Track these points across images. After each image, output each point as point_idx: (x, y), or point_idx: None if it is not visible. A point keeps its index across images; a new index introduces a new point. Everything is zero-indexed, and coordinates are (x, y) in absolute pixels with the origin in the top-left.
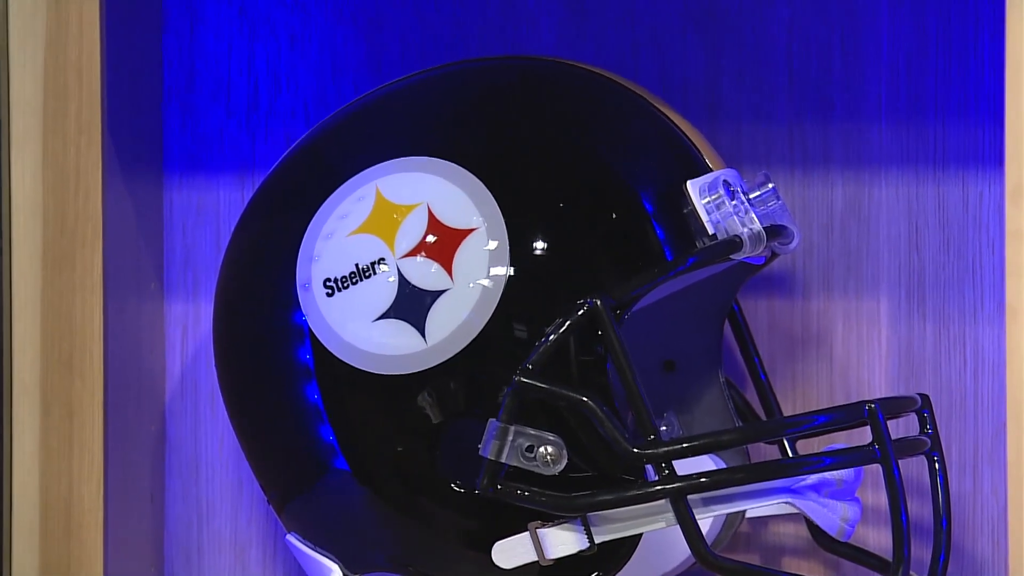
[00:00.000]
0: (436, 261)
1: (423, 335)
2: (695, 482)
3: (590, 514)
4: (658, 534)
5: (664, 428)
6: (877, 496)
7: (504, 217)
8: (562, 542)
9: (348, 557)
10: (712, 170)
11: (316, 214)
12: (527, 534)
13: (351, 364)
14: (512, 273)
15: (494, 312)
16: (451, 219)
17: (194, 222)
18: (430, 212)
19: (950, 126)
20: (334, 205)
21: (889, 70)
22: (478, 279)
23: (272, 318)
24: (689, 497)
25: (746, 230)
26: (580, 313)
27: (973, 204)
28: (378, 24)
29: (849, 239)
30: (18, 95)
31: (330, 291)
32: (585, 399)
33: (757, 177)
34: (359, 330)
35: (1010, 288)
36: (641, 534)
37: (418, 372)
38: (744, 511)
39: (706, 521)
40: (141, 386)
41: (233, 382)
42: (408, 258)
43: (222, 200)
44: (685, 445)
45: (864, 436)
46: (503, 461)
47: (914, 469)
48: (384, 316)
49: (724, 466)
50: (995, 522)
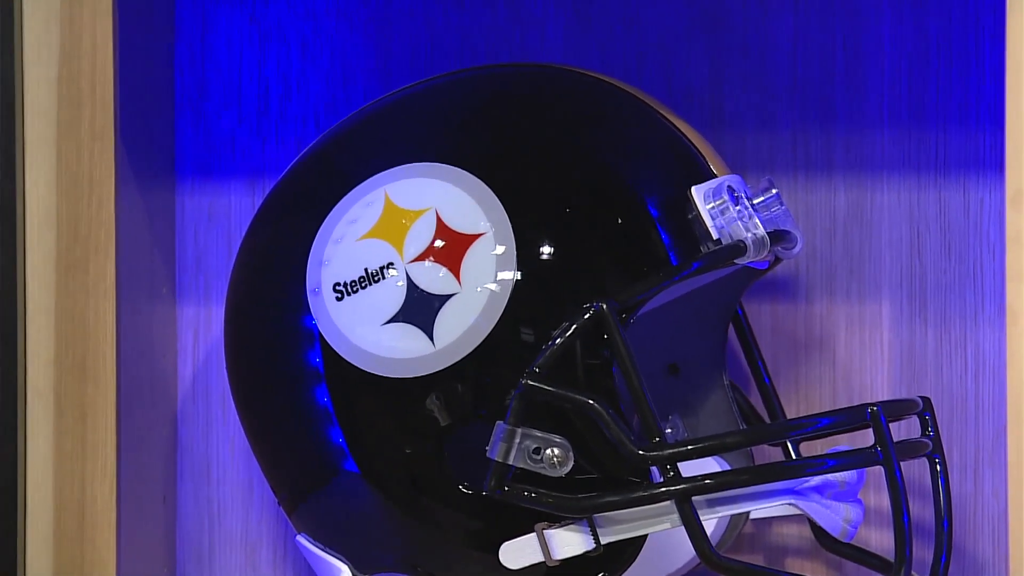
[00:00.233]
0: (444, 265)
1: (431, 339)
2: (700, 484)
3: (596, 515)
4: (663, 535)
5: (669, 431)
6: (879, 497)
7: (511, 222)
8: (568, 543)
9: (357, 558)
10: (716, 176)
11: (326, 219)
12: (534, 535)
13: (360, 367)
14: (519, 277)
15: (501, 316)
16: (459, 224)
17: (206, 227)
18: (438, 217)
19: (951, 132)
20: (344, 210)
21: (891, 77)
22: (486, 283)
23: (282, 322)
24: (694, 498)
25: (750, 235)
26: (586, 317)
27: (974, 209)
28: (387, 31)
29: (851, 244)
30: (32, 103)
31: (340, 295)
32: (591, 402)
33: (761, 182)
34: (368, 334)
35: (1010, 292)
36: (646, 535)
37: (426, 375)
38: (748, 512)
39: (710, 522)
40: (153, 389)
41: (244, 385)
42: (417, 263)
43: (233, 205)
44: (690, 447)
45: (866, 438)
46: (510, 463)
47: (916, 471)
48: (393, 320)
49: (728, 468)
50: (996, 523)
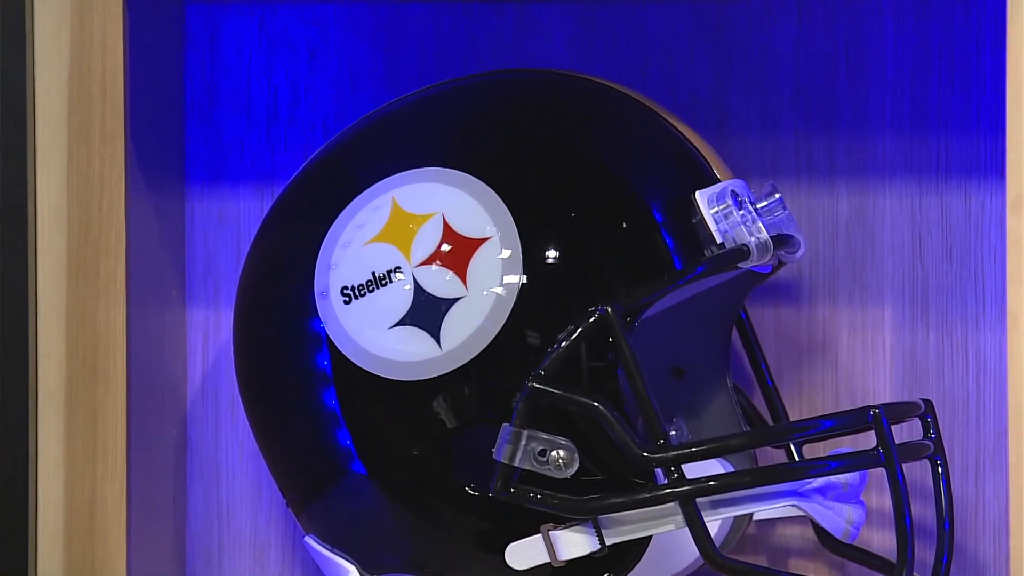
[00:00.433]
0: (451, 269)
1: (438, 342)
2: (704, 485)
3: (601, 516)
4: (667, 536)
5: (673, 433)
6: (881, 499)
7: (517, 227)
8: (574, 544)
9: (365, 558)
10: (720, 181)
11: (334, 223)
12: (539, 536)
13: (368, 370)
14: (525, 281)
15: (507, 319)
16: (465, 228)
17: (215, 231)
18: (445, 222)
19: (952, 138)
20: (351, 215)
21: (893, 83)
22: (492, 287)
23: (291, 325)
24: (698, 500)
25: (753, 239)
26: (591, 320)
27: (975, 214)
28: (395, 38)
29: (854, 248)
30: (43, 108)
31: (347, 299)
32: (596, 404)
33: (764, 187)
34: (376, 337)
35: (1011, 296)
36: (651, 536)
37: (433, 378)
38: (751, 513)
39: (714, 523)
40: (163, 391)
41: (253, 388)
42: (423, 266)
43: (242, 210)
44: (694, 449)
45: (869, 440)
46: (516, 465)
47: (917, 473)
48: (400, 323)
49: (732, 470)
50: (997, 524)
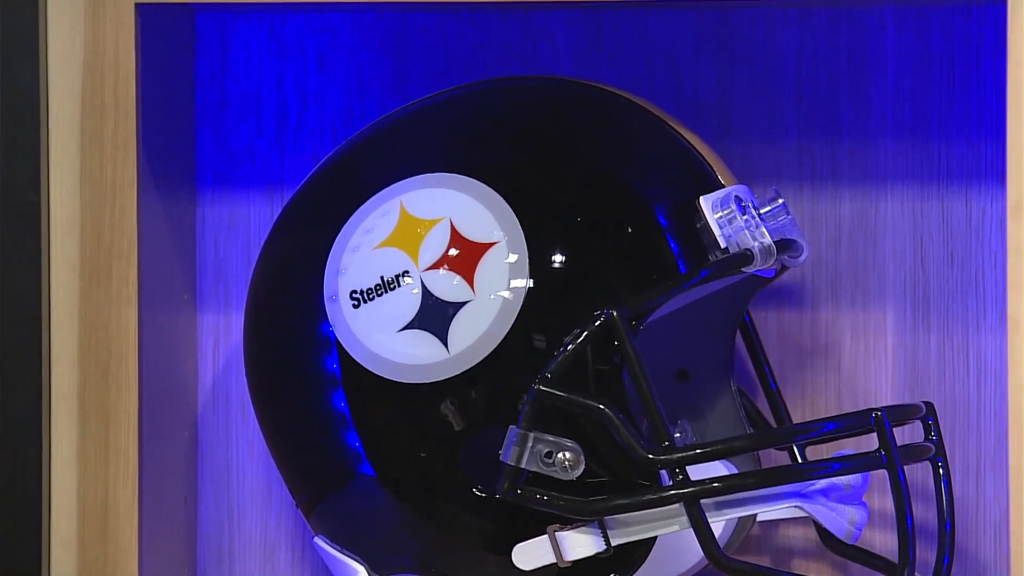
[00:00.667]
0: (458, 274)
1: (446, 345)
2: (708, 487)
3: (607, 517)
4: (672, 537)
5: (678, 435)
6: (883, 500)
7: (524, 231)
8: (580, 544)
9: (373, 559)
10: (724, 186)
11: (343, 228)
12: (546, 537)
13: (376, 373)
14: (531, 285)
15: (514, 323)
16: (473, 233)
17: (225, 236)
18: (452, 226)
19: (954, 144)
20: (360, 220)
21: (895, 90)
22: (499, 291)
23: (300, 329)
24: (702, 501)
25: (757, 244)
26: (597, 324)
27: (976, 219)
28: (403, 45)
29: (856, 252)
30: (56, 115)
31: (356, 303)
32: (602, 407)
33: (767, 192)
34: (384, 340)
35: (1011, 300)
36: (656, 537)
37: (441, 381)
38: (755, 515)
39: (718, 524)
40: (174, 394)
41: (263, 390)
42: (431, 271)
43: (252, 215)
44: (698, 451)
45: (871, 442)
46: (523, 466)
47: (919, 474)
48: (408, 327)
49: (736, 471)
50: (997, 525)
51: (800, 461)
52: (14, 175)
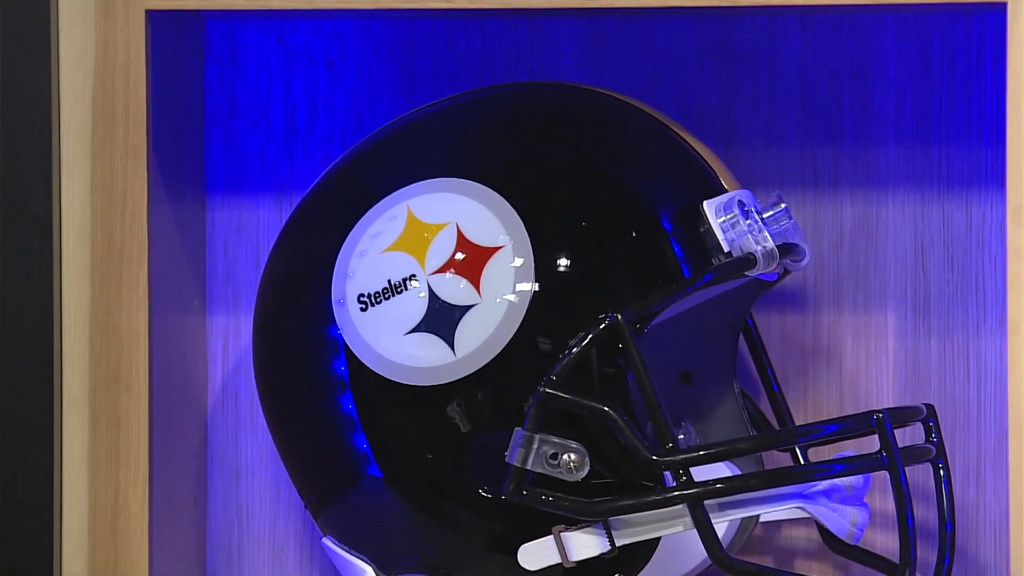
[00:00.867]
0: (465, 277)
1: (452, 348)
2: (711, 488)
3: (611, 518)
4: (676, 537)
5: (682, 437)
6: (885, 501)
7: (529, 235)
8: (585, 545)
9: (381, 559)
10: (727, 191)
11: (350, 233)
12: (551, 537)
13: (384, 375)
14: (537, 289)
15: (520, 326)
16: (479, 237)
17: (235, 240)
18: (459, 231)
19: (954, 149)
20: (367, 224)
21: (896, 96)
22: (505, 295)
23: (309, 332)
24: (706, 502)
25: (760, 248)
26: (602, 327)
27: (976, 223)
28: (411, 52)
29: (858, 256)
30: (68, 122)
31: (364, 306)
32: (606, 409)
33: (770, 197)
34: (391, 343)
35: (1011, 303)
36: (660, 537)
37: (447, 383)
38: (758, 515)
39: (722, 525)
40: (185, 397)
41: (272, 392)
42: (438, 274)
43: (261, 220)
44: (702, 453)
45: (872, 444)
46: (528, 468)
47: (920, 476)
48: (415, 330)
49: (739, 473)
50: (997, 526)
51: (802, 462)
52: (26, 181)
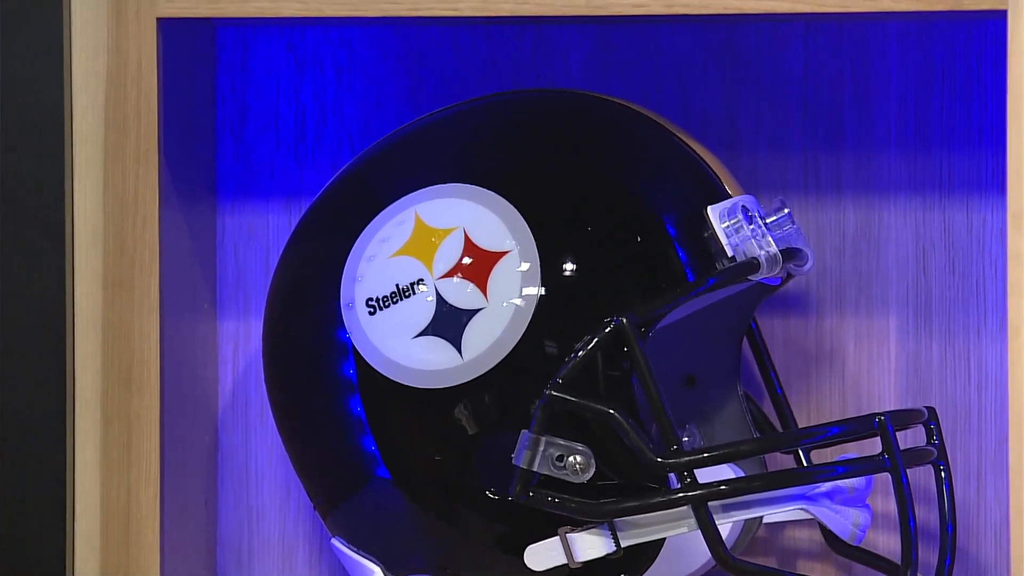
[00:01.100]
0: (472, 282)
1: (459, 351)
2: (715, 490)
3: (616, 519)
4: (680, 538)
5: (686, 439)
6: (886, 503)
7: (536, 240)
8: (590, 546)
9: (389, 560)
10: (731, 196)
11: (359, 237)
12: (557, 538)
13: (392, 378)
14: (543, 293)
15: (526, 330)
16: (486, 242)
17: (245, 245)
18: (466, 236)
19: (955, 155)
20: (376, 229)
21: (898, 103)
22: (511, 299)
23: (318, 335)
24: (710, 504)
25: (763, 253)
26: (607, 331)
27: (977, 228)
28: (418, 59)
29: (860, 261)
30: (80, 128)
31: (372, 310)
32: (612, 411)
33: (773, 203)
34: (399, 346)
35: (1012, 307)
36: (664, 538)
37: (455, 386)
38: (761, 517)
39: (726, 526)
40: (195, 399)
41: (281, 395)
42: (445, 279)
43: (271, 225)
44: (706, 455)
45: (874, 446)
46: (535, 470)
47: (921, 478)
48: (423, 333)
49: (743, 475)
50: (998, 527)
51: (805, 464)
52: (39, 187)
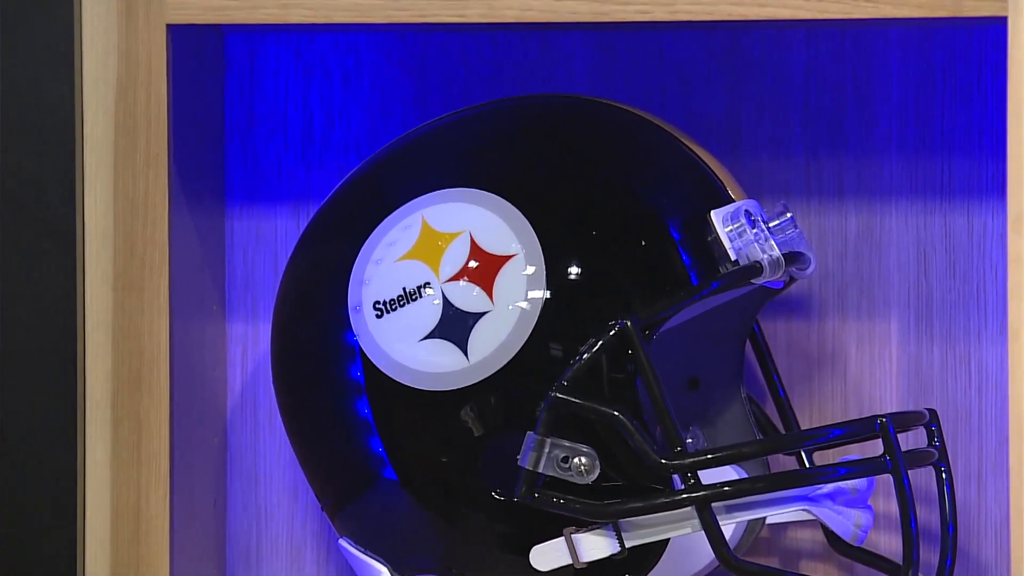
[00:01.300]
0: (478, 285)
1: (465, 354)
2: (719, 491)
3: (621, 520)
4: (684, 539)
5: (690, 440)
6: (888, 504)
7: (541, 244)
8: (595, 546)
9: (396, 560)
10: (734, 200)
11: (366, 241)
12: (562, 539)
13: (399, 381)
14: (548, 296)
15: (532, 332)
16: (492, 246)
17: (253, 248)
18: (472, 239)
19: (956, 159)
20: (383, 233)
21: (899, 107)
22: (517, 302)
23: (325, 338)
24: (713, 505)
25: (766, 256)
26: (612, 334)
27: (977, 232)
28: (424, 65)
29: (862, 265)
30: (91, 133)
31: (379, 313)
32: (616, 413)
33: (776, 207)
34: (406, 349)
35: (1012, 310)
36: (668, 539)
37: (461, 388)
38: (764, 518)
39: (729, 527)
40: (204, 401)
41: (289, 397)
42: (452, 282)
43: (279, 228)
44: (709, 456)
45: (876, 448)
46: (540, 471)
47: (923, 479)
48: (429, 336)
49: (746, 476)
50: (998, 528)
51: (808, 466)
52: (50, 191)
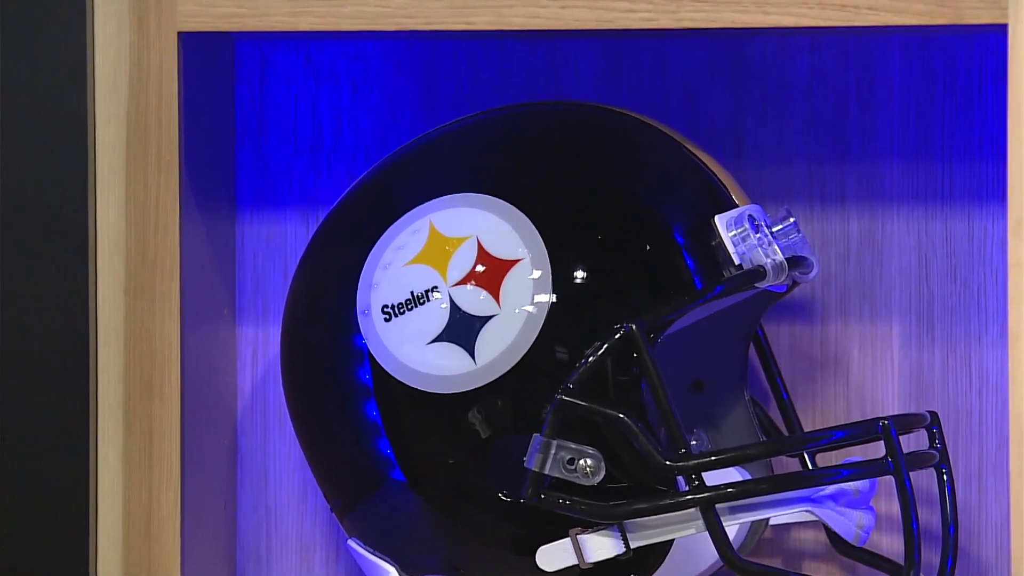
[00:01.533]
0: (485, 289)
1: (473, 357)
2: (723, 492)
3: (626, 521)
4: (689, 539)
5: (694, 442)
6: (890, 505)
7: (547, 249)
8: (600, 547)
9: (404, 560)
10: (738, 205)
11: (375, 246)
12: (568, 540)
13: (407, 383)
14: (555, 300)
15: (538, 336)
16: (499, 250)
17: (264, 253)
18: (479, 244)
19: (957, 165)
20: (391, 237)
21: (901, 114)
22: (523, 305)
23: (334, 341)
24: (717, 506)
25: (769, 261)
26: (617, 337)
27: (978, 237)
28: (432, 72)
29: (864, 269)
30: (103, 139)
31: (387, 316)
32: (621, 416)
33: (779, 212)
34: (414, 352)
35: (1012, 315)
36: (673, 540)
37: (468, 391)
38: (768, 519)
39: (733, 528)
40: (215, 403)
41: (299, 400)
42: (459, 286)
43: (289, 233)
44: (713, 458)
45: (878, 450)
46: (546, 473)
47: (924, 480)
48: (437, 339)
49: (749, 477)
50: (999, 529)
51: (810, 468)
52: (63, 196)
